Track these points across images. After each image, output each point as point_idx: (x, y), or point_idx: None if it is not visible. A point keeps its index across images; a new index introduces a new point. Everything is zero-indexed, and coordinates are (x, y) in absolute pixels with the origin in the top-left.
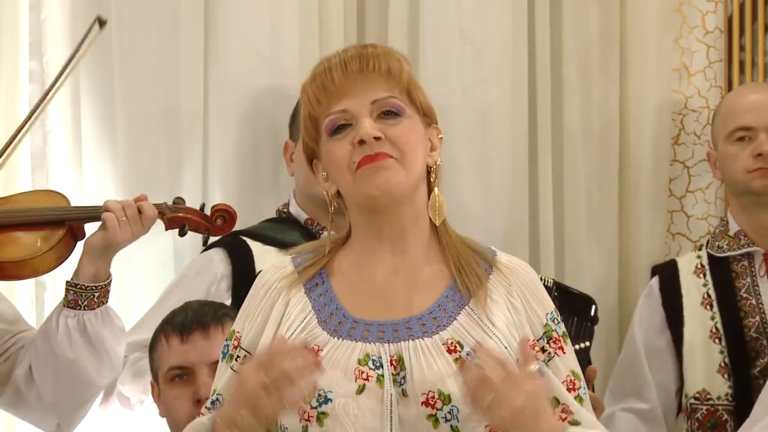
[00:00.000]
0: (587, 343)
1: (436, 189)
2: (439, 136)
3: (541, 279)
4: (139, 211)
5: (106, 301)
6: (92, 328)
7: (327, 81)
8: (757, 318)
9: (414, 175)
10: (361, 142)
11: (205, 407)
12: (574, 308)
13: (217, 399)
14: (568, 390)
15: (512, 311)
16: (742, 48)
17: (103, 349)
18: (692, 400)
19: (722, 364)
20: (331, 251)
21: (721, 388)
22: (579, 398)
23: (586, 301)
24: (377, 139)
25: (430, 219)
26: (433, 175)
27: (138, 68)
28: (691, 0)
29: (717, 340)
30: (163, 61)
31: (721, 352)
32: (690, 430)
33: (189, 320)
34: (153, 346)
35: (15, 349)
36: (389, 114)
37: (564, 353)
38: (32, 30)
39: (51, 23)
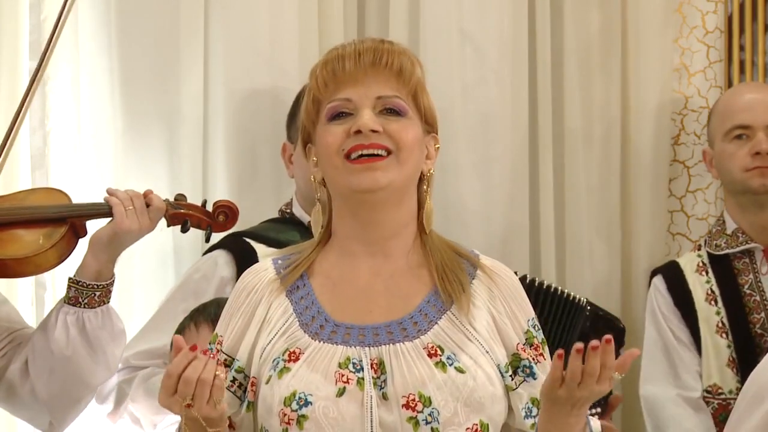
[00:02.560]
0: None
1: (428, 198)
2: (436, 146)
3: (575, 298)
4: (147, 205)
5: (108, 301)
6: (91, 326)
7: (338, 68)
8: (762, 314)
9: (405, 175)
10: (358, 132)
11: None
12: (604, 330)
13: None
14: None
15: (495, 316)
16: (742, 48)
17: (100, 348)
18: (705, 394)
19: (731, 359)
20: (314, 251)
21: (731, 382)
22: None
23: (617, 323)
24: (375, 132)
25: (417, 226)
26: (426, 184)
27: (138, 68)
28: (691, 0)
29: (724, 335)
30: (163, 61)
31: (729, 346)
32: None
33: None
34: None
35: (12, 347)
36: (391, 112)
37: (544, 359)
38: (32, 30)
39: (51, 23)
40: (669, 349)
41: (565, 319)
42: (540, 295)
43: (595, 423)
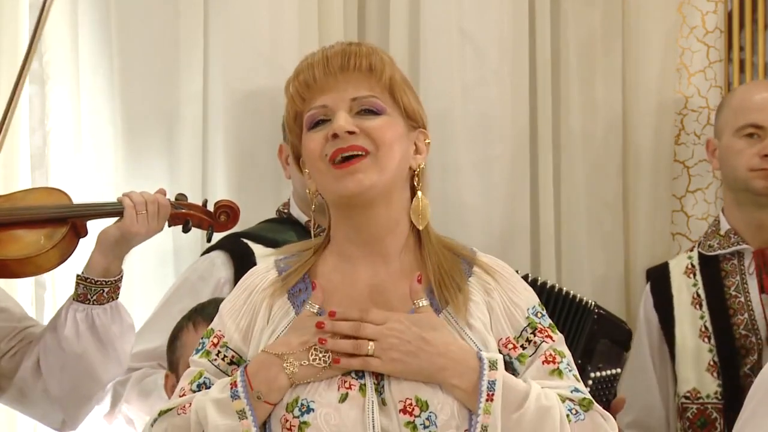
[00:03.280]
0: (618, 370)
1: (419, 193)
2: (426, 141)
3: (581, 300)
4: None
5: (116, 297)
6: (100, 323)
7: (309, 77)
8: (746, 315)
9: (388, 174)
10: (335, 135)
11: (191, 390)
12: (611, 333)
13: (204, 382)
14: (546, 363)
15: (490, 311)
16: (741, 48)
17: (111, 344)
18: (683, 400)
19: (711, 363)
20: (315, 254)
21: (710, 386)
22: (558, 372)
23: (624, 328)
24: (351, 133)
25: (411, 223)
26: (417, 179)
27: (138, 68)
28: (691, 0)
29: (706, 339)
30: (163, 61)
31: (710, 350)
32: (681, 429)
33: None
34: (176, 335)
35: (22, 345)
36: (368, 112)
37: (553, 340)
38: (32, 30)
39: (51, 23)
40: (644, 363)
41: (572, 321)
42: (544, 295)
43: (490, 354)
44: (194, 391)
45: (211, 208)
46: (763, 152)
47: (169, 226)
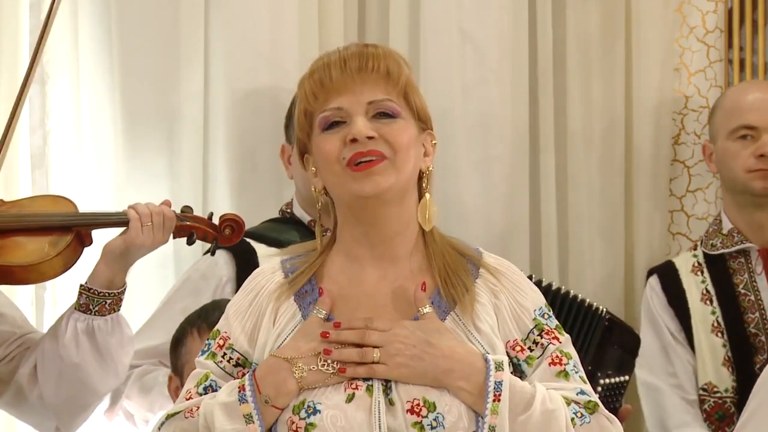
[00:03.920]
0: (627, 377)
1: (427, 195)
2: (433, 142)
3: (590, 305)
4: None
5: (118, 309)
6: (100, 334)
7: (325, 77)
8: (757, 314)
9: (404, 177)
10: (354, 140)
11: (197, 393)
12: (621, 340)
13: (211, 384)
14: (553, 364)
15: (497, 313)
16: (741, 48)
17: (109, 356)
18: (699, 392)
19: (726, 358)
20: (321, 255)
21: (727, 381)
22: (565, 373)
23: (634, 335)
24: (370, 138)
25: (419, 225)
26: (425, 181)
27: (138, 68)
28: (691, 0)
29: (719, 334)
30: (163, 62)
31: (724, 345)
32: None
33: None
34: (180, 341)
35: (20, 351)
36: (384, 115)
37: (559, 342)
38: (32, 30)
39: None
40: (666, 348)
41: (580, 326)
42: (550, 296)
43: (496, 356)
44: (201, 394)
45: (216, 221)
46: (759, 152)
47: (174, 238)
